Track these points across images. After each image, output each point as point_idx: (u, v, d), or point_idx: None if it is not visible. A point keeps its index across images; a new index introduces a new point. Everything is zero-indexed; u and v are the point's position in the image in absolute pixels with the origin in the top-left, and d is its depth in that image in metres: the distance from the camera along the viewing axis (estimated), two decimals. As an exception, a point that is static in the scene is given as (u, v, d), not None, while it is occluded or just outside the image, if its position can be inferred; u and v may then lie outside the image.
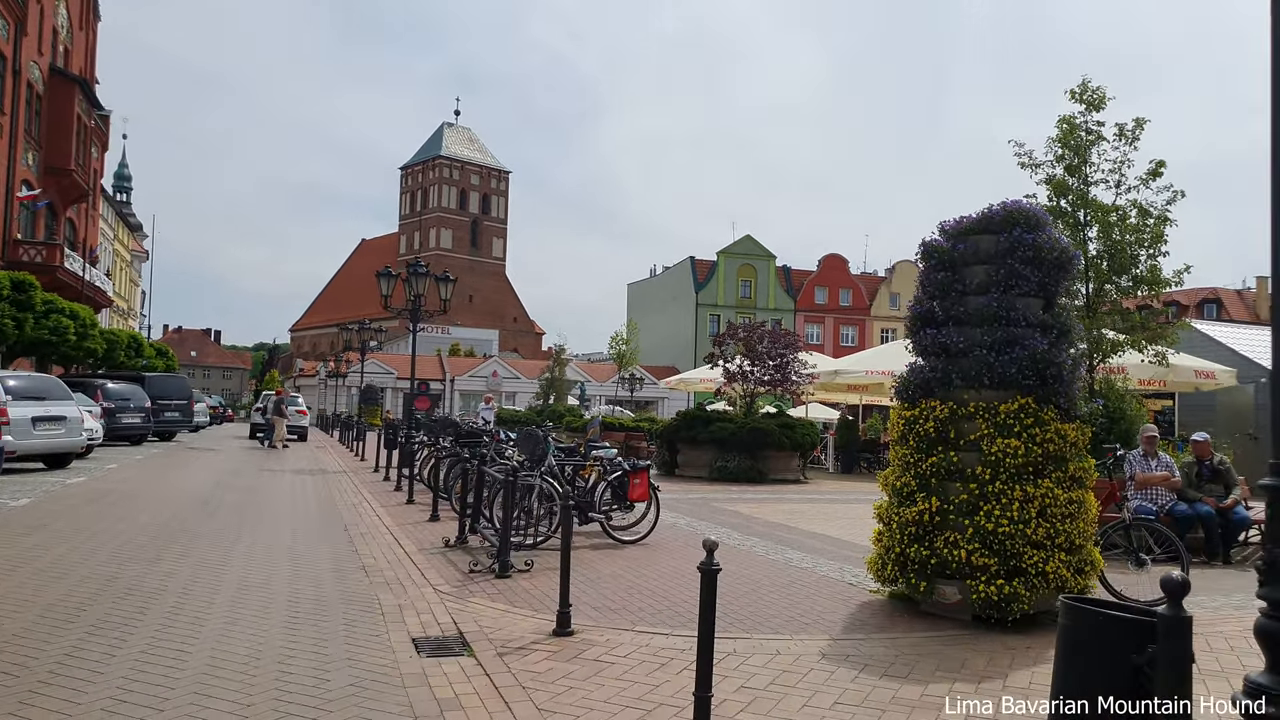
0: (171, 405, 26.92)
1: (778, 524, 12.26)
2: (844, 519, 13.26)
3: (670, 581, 7.88)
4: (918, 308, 7.12)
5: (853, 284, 71.59)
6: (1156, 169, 11.91)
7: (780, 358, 20.74)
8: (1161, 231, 11.77)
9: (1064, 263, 6.85)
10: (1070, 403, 6.66)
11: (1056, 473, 6.54)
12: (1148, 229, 11.73)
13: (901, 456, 6.94)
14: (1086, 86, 12.05)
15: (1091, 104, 12.04)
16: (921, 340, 7.00)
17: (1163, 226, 11.79)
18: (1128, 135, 11.96)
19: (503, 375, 62.78)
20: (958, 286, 6.91)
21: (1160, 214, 11.87)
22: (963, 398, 6.76)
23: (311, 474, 18.13)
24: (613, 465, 10.20)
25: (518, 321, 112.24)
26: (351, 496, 14.16)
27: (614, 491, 10.07)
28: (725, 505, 14.51)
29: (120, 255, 61.09)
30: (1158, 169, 11.91)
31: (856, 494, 18.03)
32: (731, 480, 19.05)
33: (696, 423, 20.23)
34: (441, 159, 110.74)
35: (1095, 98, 12.01)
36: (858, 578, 8.30)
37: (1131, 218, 11.85)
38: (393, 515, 11.95)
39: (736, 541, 10.39)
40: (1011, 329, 6.66)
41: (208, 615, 6.15)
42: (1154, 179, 11.94)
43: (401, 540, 9.76)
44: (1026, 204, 7.08)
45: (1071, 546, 6.51)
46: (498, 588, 7.36)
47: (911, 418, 6.87)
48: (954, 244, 6.99)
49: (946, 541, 6.51)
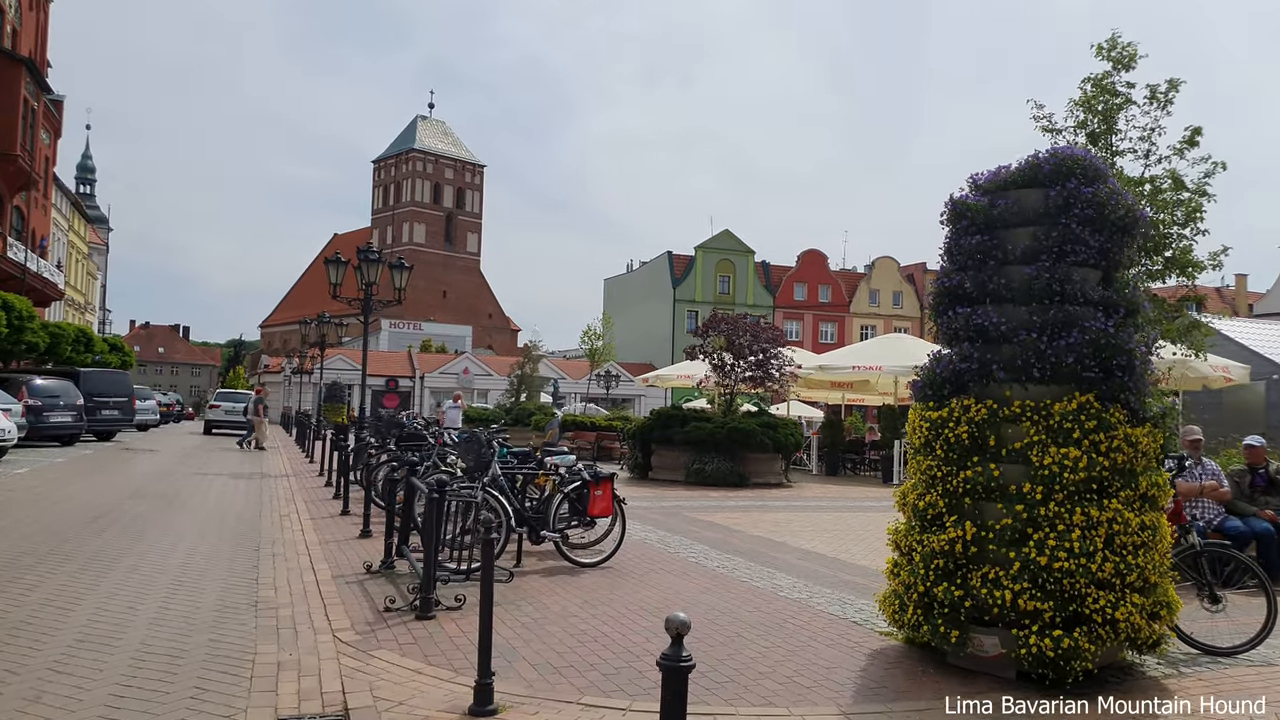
0: (109, 403, 25.04)
1: (762, 538, 10.80)
2: (835, 531, 11.83)
3: (634, 622, 6.38)
4: (944, 280, 5.65)
5: (832, 280, 70.37)
6: (1192, 137, 10.50)
7: (763, 353, 19.31)
8: (1199, 206, 10.39)
9: (1130, 224, 5.42)
10: (1140, 400, 5.23)
11: (1125, 491, 5.10)
12: (1181, 204, 10.34)
13: (925, 469, 5.48)
14: (1116, 42, 10.60)
15: (1120, 62, 10.58)
16: (950, 323, 5.55)
17: (1200, 200, 10.41)
18: (1160, 98, 10.53)
19: (474, 372, 60.92)
20: (996, 254, 5.46)
21: (1198, 187, 10.47)
22: (1004, 395, 5.32)
23: (249, 479, 16.47)
24: (571, 474, 8.69)
25: (493, 318, 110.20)
26: (282, 505, 12.56)
27: (572, 505, 8.57)
28: (703, 514, 13.04)
29: (76, 247, 58.69)
30: (1193, 137, 10.51)
31: (845, 500, 16.64)
32: (710, 484, 17.60)
33: (672, 422, 18.76)
34: (415, 152, 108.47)
35: (1125, 55, 10.54)
36: (863, 613, 6.85)
37: (1165, 191, 10.41)
38: (320, 529, 10.38)
39: (716, 563, 8.92)
40: (1067, 307, 5.22)
41: (3, 687, 4.58)
42: (1189, 148, 10.54)
43: (318, 563, 8.21)
44: (1082, 150, 5.65)
45: (1145, 585, 5.08)
46: (415, 633, 5.84)
47: (938, 420, 5.41)
48: (991, 200, 5.55)
49: (985, 579, 5.07)
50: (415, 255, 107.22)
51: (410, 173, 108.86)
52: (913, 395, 5.80)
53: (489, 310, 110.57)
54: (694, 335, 20.07)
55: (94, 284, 68.18)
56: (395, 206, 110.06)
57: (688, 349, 20.32)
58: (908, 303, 71.23)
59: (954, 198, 5.70)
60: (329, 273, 19.53)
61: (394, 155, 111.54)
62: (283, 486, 15.25)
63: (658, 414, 19.57)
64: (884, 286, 71.19)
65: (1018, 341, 5.24)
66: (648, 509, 13.38)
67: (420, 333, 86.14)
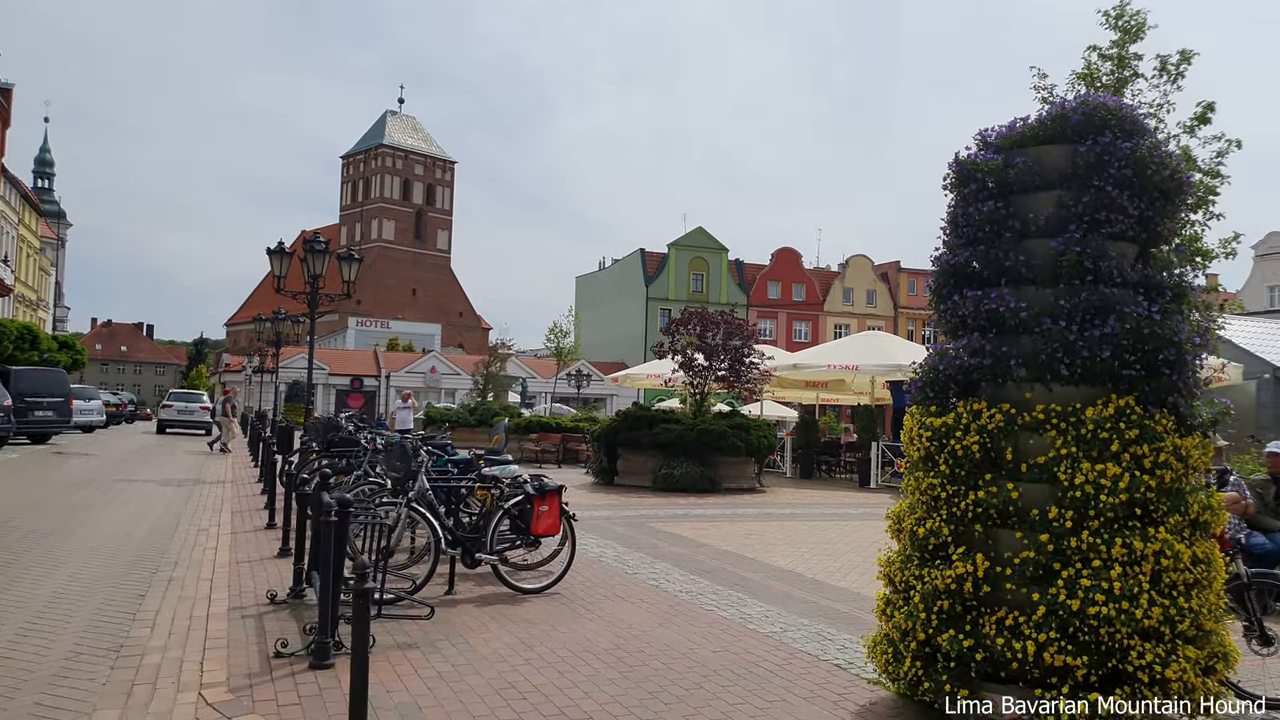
0: (43, 403, 23.54)
1: (731, 553, 9.79)
2: (811, 543, 10.85)
3: (576, 668, 5.34)
4: (948, 258, 4.65)
5: (806, 279, 69.70)
6: (1204, 113, 9.62)
7: (734, 350, 18.32)
8: (1211, 189, 9.51)
9: (1175, 188, 4.46)
10: (1190, 404, 4.26)
11: (1174, 516, 4.13)
12: (1192, 187, 9.42)
13: (926, 489, 4.48)
14: (1124, 10, 9.68)
15: (1128, 32, 9.67)
16: (957, 309, 4.54)
17: (1213, 183, 9.54)
18: (1170, 71, 9.64)
19: (442, 371, 59.48)
20: (1013, 224, 4.47)
21: (1210, 168, 9.59)
22: (1024, 397, 4.33)
23: (179, 485, 15.22)
24: (515, 486, 7.60)
25: (463, 316, 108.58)
26: (205, 517, 11.37)
27: (514, 522, 7.50)
28: (669, 525, 12.01)
29: (26, 241, 56.62)
30: (1205, 113, 9.63)
31: (820, 506, 15.69)
32: (679, 490, 16.58)
33: (639, 423, 17.71)
34: (384, 147, 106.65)
35: (1134, 24, 9.63)
36: (846, 652, 5.84)
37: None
38: (237, 546, 9.23)
39: (678, 586, 7.88)
40: (1101, 288, 4.24)
41: None
42: (1201, 125, 9.66)
43: (217, 591, 7.08)
44: (1115, 99, 4.69)
45: (1199, 633, 4.11)
46: (303, 689, 4.75)
47: (942, 429, 4.41)
48: (1006, 160, 4.56)
49: (1001, 626, 4.09)
50: (384, 252, 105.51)
51: (379, 168, 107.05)
52: (907, 397, 4.79)
53: (459, 309, 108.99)
54: (664, 333, 19.02)
55: (47, 280, 65.97)
56: (364, 203, 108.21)
57: (655, 346, 19.29)
58: (881, 302, 70.75)
59: (959, 157, 4.70)
60: (272, 264, 18.36)
61: (363, 151, 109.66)
62: (215, 494, 14.03)
63: (624, 415, 18.52)
64: (858, 285, 70.64)
65: (1041, 331, 4.25)
66: (609, 519, 12.34)
67: (388, 331, 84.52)
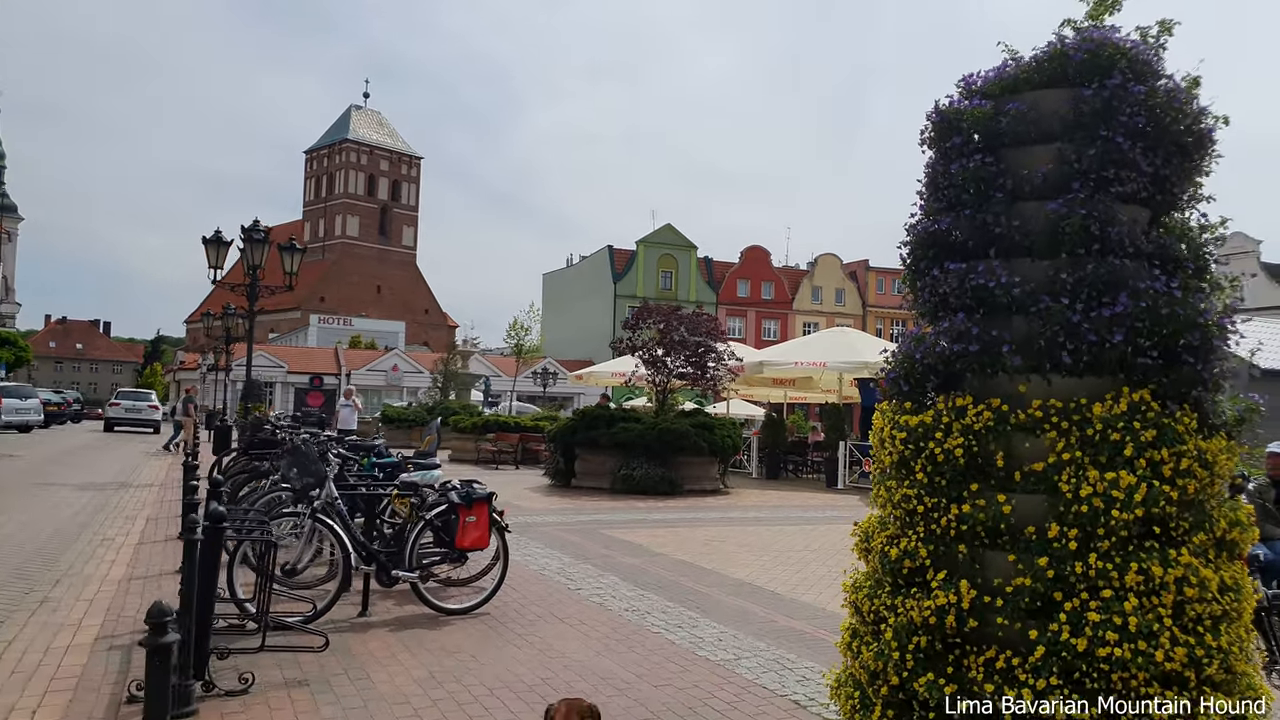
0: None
1: (688, 564, 9.03)
2: (774, 551, 10.12)
3: (494, 711, 4.55)
4: (924, 225, 3.89)
5: (775, 277, 69.25)
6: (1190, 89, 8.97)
7: (698, 346, 17.56)
8: (1200, 169, 8.88)
9: (1194, 142, 3.77)
10: (1214, 400, 3.55)
11: (1199, 535, 3.42)
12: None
13: (900, 501, 3.72)
14: (1099, -25, 9.03)
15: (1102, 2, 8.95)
16: (936, 285, 3.79)
17: (1202, 163, 8.91)
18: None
19: (404, 369, 58.18)
20: (1003, 183, 3.73)
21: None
22: (1018, 391, 3.59)
23: (101, 489, 14.18)
24: (441, 494, 6.77)
25: (429, 314, 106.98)
26: (116, 525, 10.41)
27: (437, 535, 6.68)
28: (624, 531, 11.22)
29: (-30, 234, 54.62)
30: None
31: (785, 509, 14.99)
32: (638, 492, 15.79)
33: (597, 423, 16.90)
34: (349, 142, 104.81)
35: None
36: (807, 685, 5.11)
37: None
38: (139, 559, 8.33)
39: (625, 603, 7.10)
40: (1110, 260, 3.51)
41: None
42: (1187, 100, 9.03)
43: (94, 613, 6.20)
44: (1124, 36, 4.00)
45: (1229, 676, 3.39)
46: (149, 747, 3.90)
47: (919, 429, 3.65)
48: (996, 107, 3.82)
49: (990, 668, 3.36)
50: (348, 249, 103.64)
51: (344, 164, 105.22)
52: (877, 393, 4.05)
53: (425, 306, 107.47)
54: (625, 329, 18.16)
55: (-6, 274, 63.81)
56: (328, 198, 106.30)
57: (613, 342, 18.48)
58: (850, 300, 70.50)
59: (939, 105, 3.95)
60: (208, 254, 17.35)
61: (327, 146, 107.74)
62: (136, 499, 13.03)
63: (582, 414, 17.70)
64: (827, 284, 70.31)
65: (1038, 311, 3.51)
66: (560, 525, 11.54)
67: (351, 329, 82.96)
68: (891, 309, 70.93)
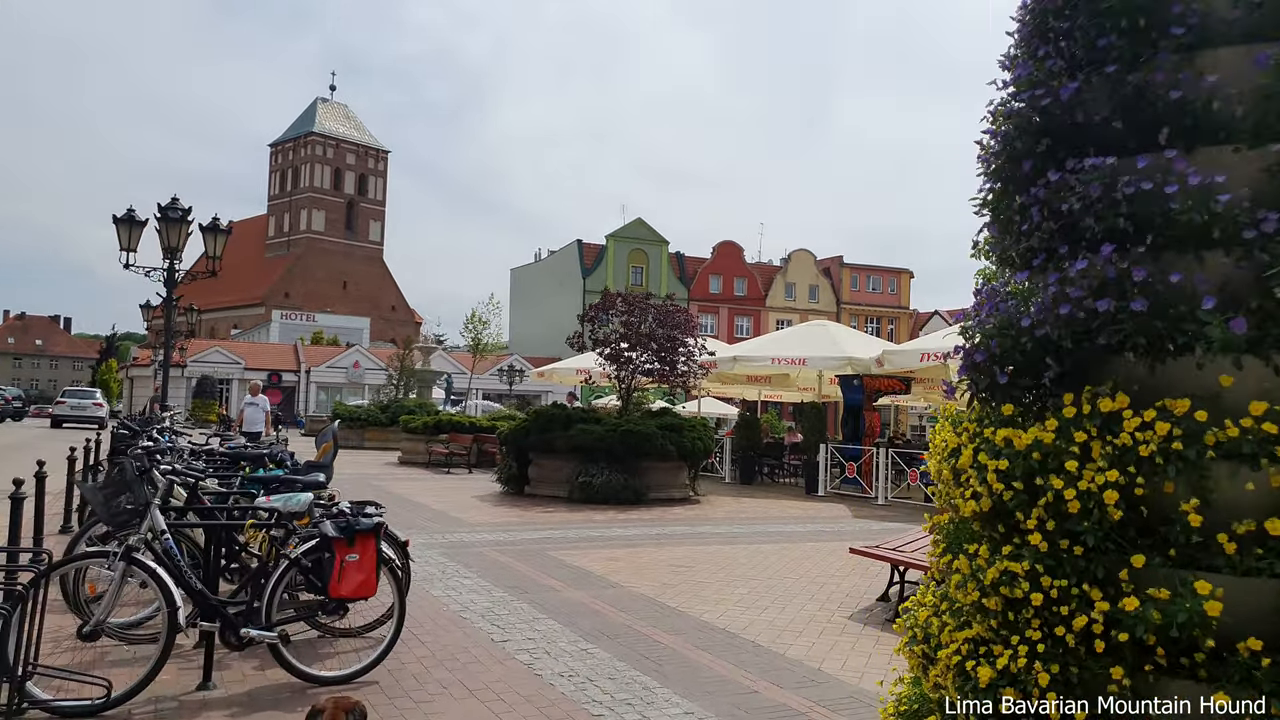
0: None
1: (648, 600, 7.39)
2: (752, 579, 8.52)
3: None
4: (1028, 100, 2.27)
5: (748, 273, 67.86)
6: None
7: (667, 340, 15.93)
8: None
9: None
10: None
11: None
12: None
13: (995, 582, 2.10)
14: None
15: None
16: (1054, 200, 2.16)
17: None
18: None
19: (365, 366, 56.02)
20: (1183, 18, 2.12)
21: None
22: (1216, 384, 1.99)
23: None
24: (313, 525, 5.06)
25: (396, 310, 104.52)
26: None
27: (309, 578, 5.00)
28: (574, 554, 9.57)
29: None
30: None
31: (763, 521, 13.42)
32: (598, 502, 14.15)
33: (553, 424, 15.22)
34: (314, 135, 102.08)
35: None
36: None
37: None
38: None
39: (561, 664, 5.45)
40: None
41: None
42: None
43: None
44: None
45: None
46: None
47: (1034, 453, 2.03)
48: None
49: None
50: (314, 244, 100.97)
51: (309, 157, 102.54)
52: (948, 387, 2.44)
53: (392, 302, 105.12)
54: (584, 320, 16.47)
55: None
56: (293, 193, 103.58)
57: (570, 338, 16.76)
58: (824, 296, 69.29)
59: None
60: (119, 234, 15.42)
61: (292, 139, 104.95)
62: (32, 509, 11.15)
63: (536, 414, 16.00)
64: (800, 280, 69.06)
65: (1257, 239, 1.92)
66: (501, 544, 9.87)
67: (314, 325, 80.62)
68: (866, 305, 69.83)
